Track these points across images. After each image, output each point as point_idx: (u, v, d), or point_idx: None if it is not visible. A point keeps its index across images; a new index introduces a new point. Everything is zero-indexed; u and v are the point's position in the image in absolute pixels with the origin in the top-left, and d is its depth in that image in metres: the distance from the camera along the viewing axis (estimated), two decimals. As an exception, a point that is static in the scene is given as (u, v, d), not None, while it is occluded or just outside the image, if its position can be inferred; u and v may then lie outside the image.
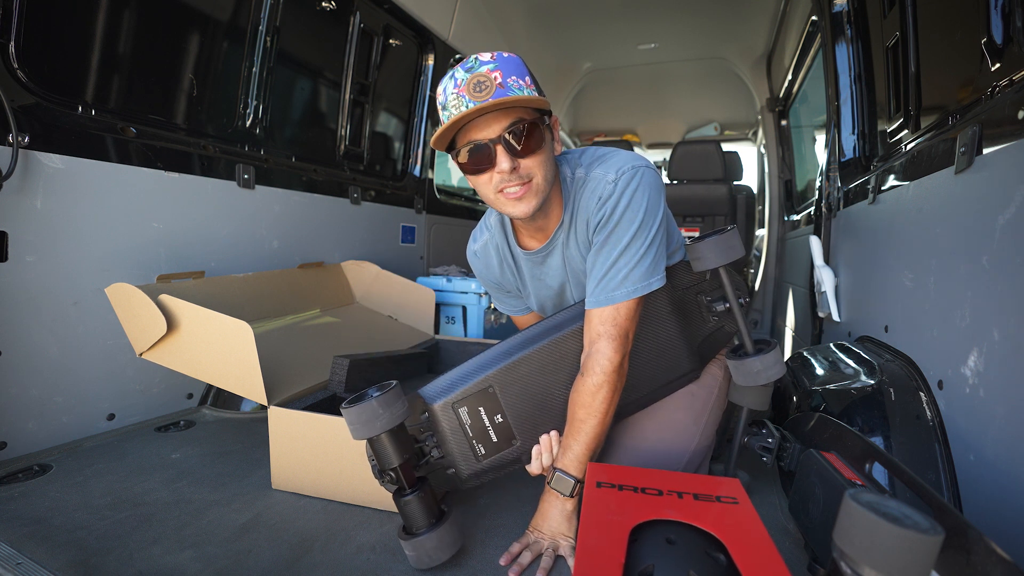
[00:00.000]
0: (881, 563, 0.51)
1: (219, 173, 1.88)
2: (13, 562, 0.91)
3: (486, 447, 1.03)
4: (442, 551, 0.92)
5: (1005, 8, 0.98)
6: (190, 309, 1.30)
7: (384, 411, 0.88)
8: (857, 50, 1.92)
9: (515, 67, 0.94)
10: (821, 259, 2.01)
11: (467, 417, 1.02)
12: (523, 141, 0.94)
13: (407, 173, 3.13)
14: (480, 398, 1.03)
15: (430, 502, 0.94)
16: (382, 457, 0.92)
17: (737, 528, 0.77)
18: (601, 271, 1.02)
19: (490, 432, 1.03)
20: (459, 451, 1.03)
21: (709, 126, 5.32)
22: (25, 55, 1.32)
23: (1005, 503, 0.85)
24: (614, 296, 1.00)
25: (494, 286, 1.32)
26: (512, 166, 0.95)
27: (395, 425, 0.90)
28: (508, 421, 1.03)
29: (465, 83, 0.91)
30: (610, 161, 1.05)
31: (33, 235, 1.37)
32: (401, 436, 0.92)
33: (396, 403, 0.90)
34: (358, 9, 2.46)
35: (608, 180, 1.02)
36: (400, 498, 0.92)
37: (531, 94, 0.93)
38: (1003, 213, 0.88)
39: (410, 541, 0.91)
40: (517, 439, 1.04)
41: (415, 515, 0.92)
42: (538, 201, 1.00)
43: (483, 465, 1.04)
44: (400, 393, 0.92)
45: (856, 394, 1.22)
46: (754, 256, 4.23)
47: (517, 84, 0.93)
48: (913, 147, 1.38)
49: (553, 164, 1.03)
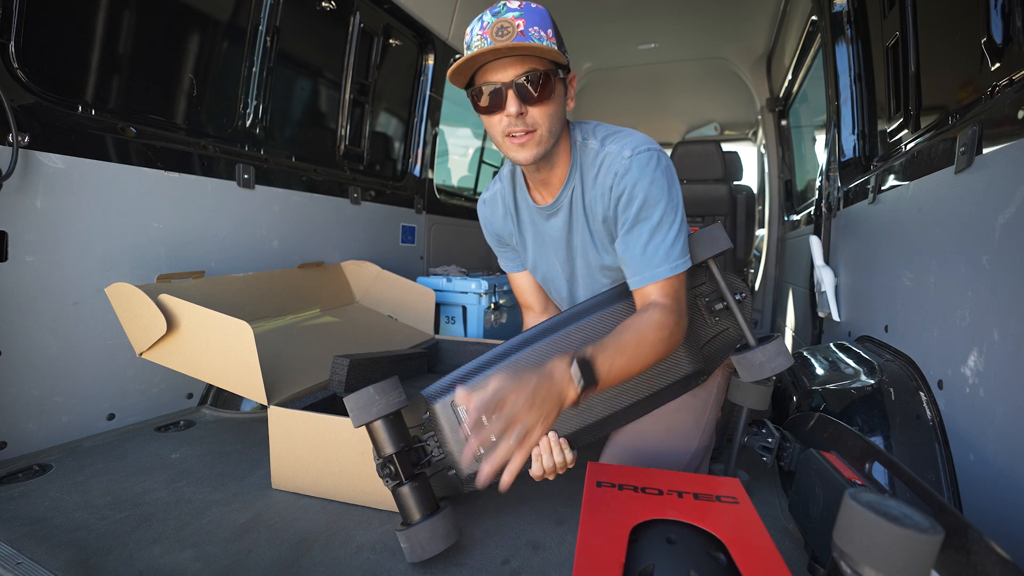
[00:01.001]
0: (881, 563, 0.51)
1: (219, 173, 1.88)
2: (13, 562, 0.91)
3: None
4: (435, 543, 0.92)
5: (1005, 8, 0.98)
6: (190, 309, 1.30)
7: (380, 397, 0.93)
8: (857, 50, 1.92)
9: (540, 18, 0.98)
10: (821, 259, 2.01)
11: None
12: (533, 88, 0.98)
13: (407, 173, 3.13)
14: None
15: (426, 494, 0.96)
16: (379, 444, 0.95)
17: (737, 528, 0.77)
18: (638, 250, 1.05)
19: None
20: (459, 451, 1.03)
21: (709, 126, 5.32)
22: (25, 55, 1.32)
23: (1005, 503, 0.85)
24: (658, 273, 1.03)
25: (494, 237, 1.35)
26: (519, 111, 0.99)
27: (391, 412, 0.94)
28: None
29: (490, 26, 0.96)
30: (624, 139, 1.07)
31: (33, 235, 1.37)
32: (398, 425, 0.96)
33: (392, 391, 0.95)
34: (358, 9, 2.46)
35: (623, 156, 1.04)
36: (396, 488, 0.95)
37: (551, 46, 0.97)
38: (1003, 213, 0.88)
39: (404, 532, 0.92)
40: None
41: (410, 505, 0.94)
42: (540, 151, 1.03)
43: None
44: (398, 384, 0.96)
45: (856, 394, 1.22)
46: (754, 256, 4.23)
47: (538, 34, 0.96)
48: (913, 147, 1.38)
49: (561, 119, 1.06)
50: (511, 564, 0.96)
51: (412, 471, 0.97)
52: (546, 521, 1.11)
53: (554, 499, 1.20)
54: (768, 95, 3.73)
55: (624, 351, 0.92)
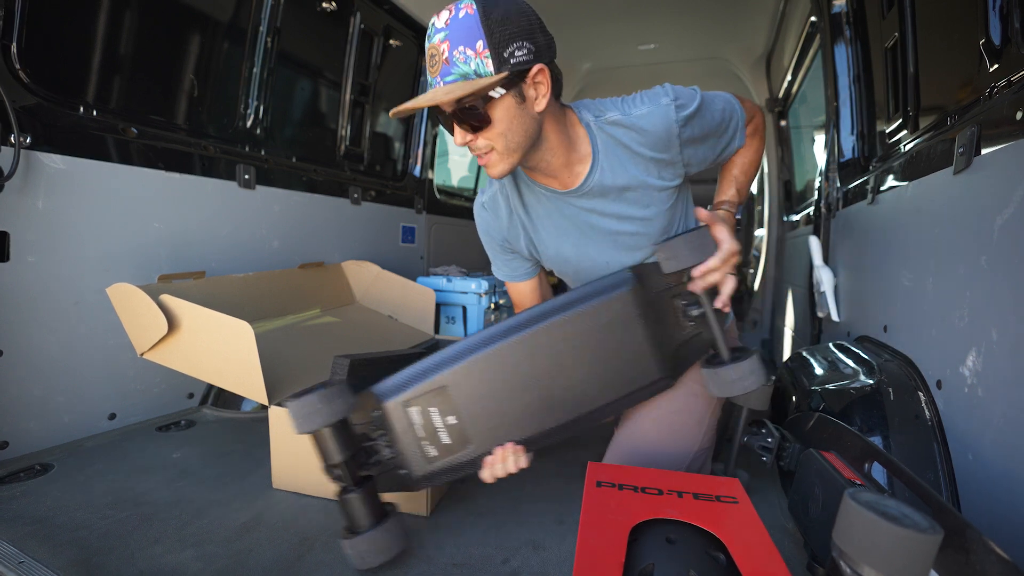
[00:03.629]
0: (880, 562, 0.51)
1: (220, 173, 1.88)
2: (15, 561, 0.91)
3: (438, 449, 0.97)
4: (375, 555, 0.91)
5: (1003, 9, 0.98)
6: (191, 309, 1.31)
7: (324, 406, 0.89)
8: (856, 51, 1.92)
9: (465, 31, 0.87)
10: (820, 259, 2.02)
11: (418, 417, 0.96)
12: (471, 120, 0.94)
13: (407, 173, 3.13)
14: (433, 398, 0.96)
15: (373, 501, 0.94)
16: (324, 452, 0.92)
17: (737, 527, 0.77)
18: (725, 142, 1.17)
19: (441, 434, 0.97)
20: (410, 452, 0.97)
21: (709, 126, 5.31)
22: (27, 56, 1.32)
23: (1004, 502, 0.85)
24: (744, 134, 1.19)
25: (497, 244, 1.27)
26: (464, 140, 0.97)
27: (335, 421, 0.90)
28: (462, 424, 0.96)
29: (426, 52, 0.92)
30: (647, 95, 1.08)
31: (34, 235, 1.37)
32: (344, 433, 0.92)
33: (337, 399, 0.90)
34: (358, 10, 2.46)
35: (663, 104, 1.04)
36: (342, 495, 0.93)
37: (480, 65, 0.88)
38: (1001, 213, 0.89)
39: (350, 540, 0.91)
40: (471, 443, 0.97)
41: (356, 514, 0.92)
42: (507, 165, 1.00)
43: (434, 467, 0.98)
44: (344, 391, 0.92)
45: (855, 394, 1.23)
46: (753, 256, 4.23)
47: (463, 56, 0.88)
48: (912, 147, 1.38)
49: (523, 127, 0.98)
50: (511, 564, 0.96)
51: (359, 477, 0.95)
52: (546, 521, 1.11)
53: (554, 499, 1.21)
54: (767, 95, 3.73)
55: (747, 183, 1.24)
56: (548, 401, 0.96)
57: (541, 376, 0.96)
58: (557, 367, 0.96)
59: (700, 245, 0.97)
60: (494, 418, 0.97)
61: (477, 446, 0.97)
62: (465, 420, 0.96)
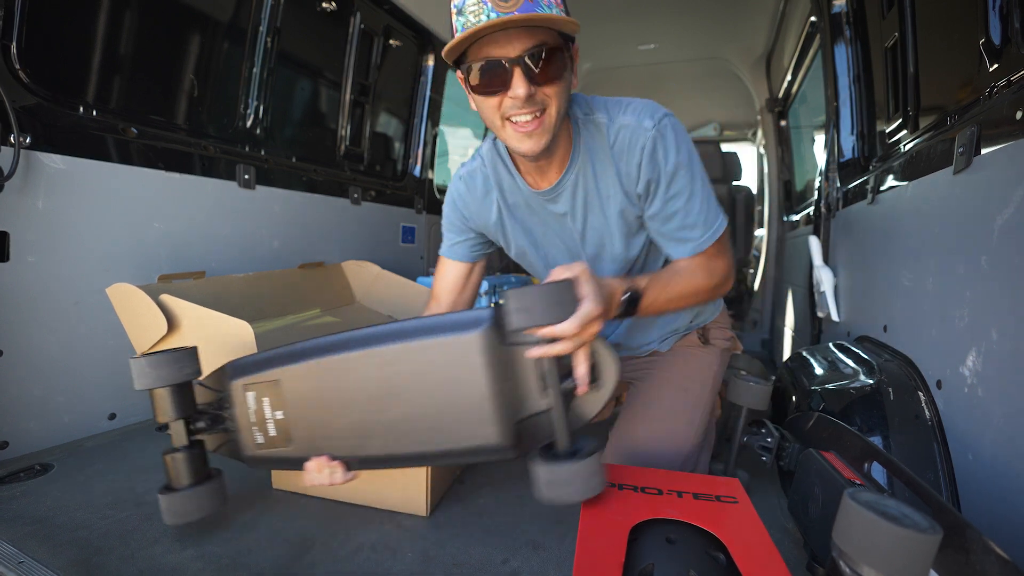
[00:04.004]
0: (880, 562, 0.51)
1: (220, 173, 1.88)
2: (15, 561, 0.91)
3: (264, 438, 1.00)
4: (185, 513, 0.98)
5: (1003, 9, 0.98)
6: (191, 309, 1.31)
7: (158, 369, 0.95)
8: (856, 51, 1.92)
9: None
10: (820, 259, 2.02)
11: (253, 403, 1.00)
12: (545, 66, 0.85)
13: (407, 173, 3.13)
14: (268, 388, 0.98)
15: (195, 464, 1.01)
16: (156, 410, 0.99)
17: (737, 527, 0.77)
18: (677, 223, 1.02)
19: (269, 425, 0.99)
20: (243, 432, 1.02)
21: (709, 126, 5.32)
22: (27, 56, 1.32)
23: (1003, 502, 0.85)
24: (702, 242, 1.02)
25: (457, 218, 1.21)
26: (528, 92, 0.85)
27: (167, 384, 0.97)
28: (287, 421, 0.97)
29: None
30: (635, 108, 0.99)
31: (34, 235, 1.37)
32: (181, 396, 0.99)
33: (175, 365, 0.97)
34: (358, 10, 2.46)
35: (646, 127, 0.96)
36: (166, 454, 1.00)
37: (560, 14, 0.84)
38: (1001, 213, 0.89)
39: (165, 495, 0.97)
40: (293, 442, 0.98)
41: (173, 472, 0.99)
42: (547, 139, 0.92)
43: (261, 454, 1.01)
44: (194, 356, 1.00)
45: (855, 394, 1.23)
46: (753, 256, 4.23)
47: (547, 0, 0.83)
48: (912, 147, 1.38)
49: (568, 98, 0.95)
50: (511, 564, 0.96)
51: (190, 439, 1.01)
52: (546, 521, 1.11)
53: (554, 499, 1.21)
54: (767, 95, 3.73)
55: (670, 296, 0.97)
56: (370, 428, 0.91)
57: (368, 400, 0.90)
58: (386, 395, 0.89)
59: (556, 302, 0.76)
60: (315, 427, 0.96)
61: (297, 447, 0.97)
62: (290, 419, 0.97)
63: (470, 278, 1.29)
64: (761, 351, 3.58)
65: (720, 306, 1.34)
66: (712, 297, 1.05)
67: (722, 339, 1.31)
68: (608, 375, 0.86)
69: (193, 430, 1.03)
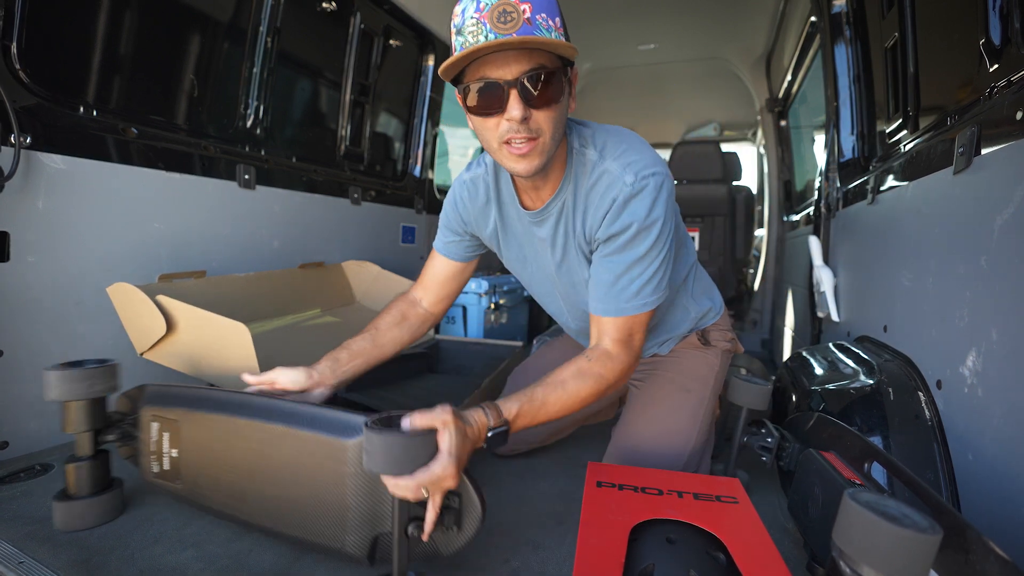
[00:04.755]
0: (880, 562, 0.51)
1: (220, 173, 1.88)
2: (15, 561, 0.91)
3: (159, 469, 1.06)
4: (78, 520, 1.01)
5: (1003, 9, 0.98)
6: (188, 311, 1.31)
7: (60, 384, 0.99)
8: (856, 51, 1.92)
9: (547, 3, 0.83)
10: (820, 259, 2.02)
11: (155, 434, 1.05)
12: (541, 90, 0.85)
13: (407, 173, 3.13)
14: (169, 425, 1.04)
15: (96, 475, 1.04)
16: (64, 420, 1.02)
17: (737, 527, 0.78)
18: (610, 277, 0.99)
19: (165, 459, 1.05)
20: (143, 457, 1.08)
21: (709, 126, 5.32)
22: (27, 56, 1.32)
23: (1003, 502, 0.85)
24: (625, 308, 0.99)
25: (454, 219, 1.22)
26: (524, 115, 0.86)
27: (67, 399, 1.00)
28: (179, 461, 1.04)
29: (488, 8, 0.81)
30: (627, 156, 0.97)
31: (35, 235, 1.37)
32: (90, 412, 1.03)
33: (80, 381, 1.00)
34: (358, 10, 2.46)
35: (625, 182, 0.95)
36: (67, 463, 1.03)
37: (559, 38, 0.84)
38: (1001, 213, 0.89)
39: (58, 502, 1.01)
40: (181, 481, 1.04)
41: (73, 480, 1.03)
42: (542, 161, 0.92)
43: (155, 482, 1.08)
44: (94, 376, 1.01)
45: (855, 394, 1.23)
46: (753, 256, 4.24)
47: (547, 23, 0.82)
48: (912, 148, 1.38)
49: (564, 123, 0.95)
50: (511, 564, 0.96)
51: (94, 451, 1.05)
52: (546, 521, 1.11)
53: (554, 499, 1.21)
54: (767, 95, 3.73)
55: (549, 414, 0.93)
56: (247, 495, 0.96)
57: (248, 469, 0.95)
58: (264, 469, 0.93)
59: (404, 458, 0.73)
60: (201, 475, 1.02)
61: (184, 487, 1.04)
62: (182, 460, 1.03)
63: (459, 276, 1.30)
64: (761, 351, 3.58)
65: (721, 309, 1.34)
66: (596, 396, 0.97)
67: (723, 341, 1.32)
68: (470, 520, 0.83)
69: (101, 440, 1.07)
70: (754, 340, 3.71)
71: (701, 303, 1.28)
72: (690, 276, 1.27)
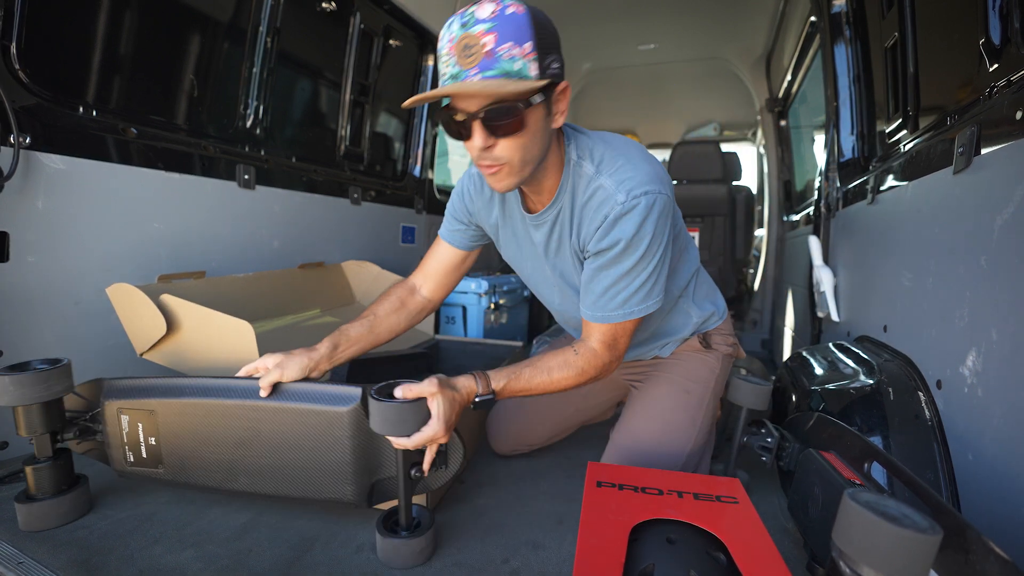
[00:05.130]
0: (880, 562, 0.51)
1: (220, 173, 1.88)
2: (15, 561, 0.91)
3: (136, 458, 1.09)
4: (41, 520, 1.02)
5: (1003, 9, 0.98)
6: (191, 309, 1.31)
7: (15, 389, 0.98)
8: (856, 51, 1.92)
9: (515, 28, 0.82)
10: (820, 259, 2.02)
11: (127, 426, 1.08)
12: (503, 122, 0.87)
13: (407, 173, 3.13)
14: (143, 416, 1.07)
15: (58, 475, 1.05)
16: (18, 424, 1.02)
17: (737, 527, 0.78)
18: (600, 288, 1.02)
19: (142, 448, 1.08)
20: (114, 449, 1.09)
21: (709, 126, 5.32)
22: (26, 56, 1.32)
23: (1003, 502, 0.85)
24: (611, 316, 1.03)
25: (460, 210, 1.25)
26: (485, 144, 0.89)
27: (23, 404, 1.00)
28: (159, 448, 1.07)
29: (456, 40, 0.83)
30: (624, 173, 0.97)
31: (34, 235, 1.37)
32: (46, 414, 1.04)
33: (35, 385, 0.99)
34: (358, 10, 2.46)
35: (617, 200, 0.95)
36: (26, 463, 1.04)
37: (524, 67, 0.83)
38: (1001, 213, 0.89)
39: (20, 504, 1.01)
40: (163, 466, 1.08)
41: (33, 482, 1.04)
42: (512, 181, 0.95)
43: (131, 470, 1.10)
44: (50, 378, 1.01)
45: (855, 394, 1.23)
46: (753, 256, 4.24)
47: (509, 54, 0.82)
48: (912, 147, 1.38)
49: (540, 145, 0.94)
50: (511, 564, 0.96)
51: (55, 449, 1.06)
52: (546, 521, 1.11)
53: (554, 499, 1.21)
54: (767, 95, 3.73)
55: (527, 374, 1.04)
56: (237, 467, 1.05)
57: (237, 444, 1.04)
58: (256, 442, 1.03)
59: (403, 420, 0.89)
60: (187, 457, 1.07)
61: (168, 471, 1.09)
62: (163, 446, 1.07)
63: (461, 264, 1.33)
64: (761, 351, 3.58)
65: (724, 314, 1.35)
66: (575, 385, 1.07)
67: (724, 345, 1.32)
68: (454, 460, 1.04)
69: (60, 439, 1.08)
70: (754, 340, 3.71)
71: (704, 308, 1.29)
72: (692, 282, 1.27)
